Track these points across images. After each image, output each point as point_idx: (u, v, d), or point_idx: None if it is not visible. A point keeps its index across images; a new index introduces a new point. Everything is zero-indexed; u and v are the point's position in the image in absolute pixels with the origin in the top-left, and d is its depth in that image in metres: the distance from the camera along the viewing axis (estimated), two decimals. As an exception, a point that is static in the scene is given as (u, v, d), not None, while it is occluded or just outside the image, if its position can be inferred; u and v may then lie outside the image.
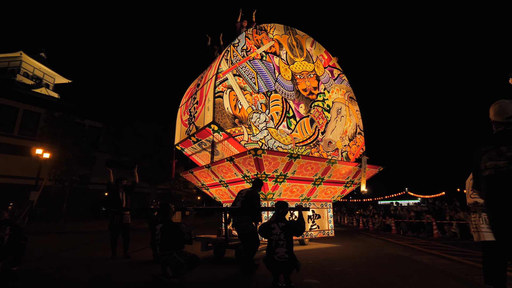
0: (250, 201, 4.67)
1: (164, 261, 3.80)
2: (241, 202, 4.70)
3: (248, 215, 4.58)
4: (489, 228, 3.16)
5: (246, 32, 8.12)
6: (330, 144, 8.73)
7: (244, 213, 4.60)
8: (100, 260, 5.63)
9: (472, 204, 3.50)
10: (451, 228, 9.75)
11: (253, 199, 4.71)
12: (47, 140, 17.45)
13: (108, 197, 5.73)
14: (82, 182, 19.35)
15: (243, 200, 4.69)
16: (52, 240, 9.29)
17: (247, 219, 4.55)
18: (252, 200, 4.70)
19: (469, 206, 3.63)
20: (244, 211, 4.61)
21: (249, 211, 4.61)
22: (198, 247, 6.23)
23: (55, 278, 4.24)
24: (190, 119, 8.09)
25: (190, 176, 9.13)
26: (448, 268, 4.67)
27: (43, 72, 34.55)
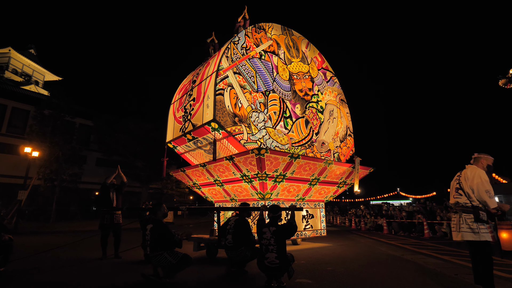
0: (241, 231, 4.38)
1: (155, 261, 3.74)
2: (232, 234, 4.37)
3: (243, 246, 4.27)
4: (469, 228, 3.26)
5: (246, 30, 8.11)
6: (323, 145, 8.80)
7: (238, 246, 4.27)
8: (90, 260, 5.53)
9: (454, 204, 3.53)
10: (442, 228, 9.92)
11: (243, 228, 4.43)
12: (36, 138, 17.06)
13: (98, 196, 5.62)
14: (72, 181, 18.98)
15: (234, 232, 4.37)
16: (40, 240, 9.09)
17: (242, 250, 4.24)
18: (243, 230, 4.41)
19: (451, 206, 3.68)
20: (238, 245, 4.28)
21: (243, 243, 4.30)
22: (190, 247, 6.20)
23: (42, 278, 4.16)
24: (185, 116, 8.01)
25: (181, 175, 9.03)
26: (438, 268, 4.73)
27: (33, 69, 33.85)
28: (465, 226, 3.31)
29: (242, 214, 4.63)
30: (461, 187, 3.46)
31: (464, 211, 3.35)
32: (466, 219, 3.31)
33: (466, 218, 3.32)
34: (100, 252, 5.76)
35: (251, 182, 7.02)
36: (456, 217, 3.44)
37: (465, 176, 3.45)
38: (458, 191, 3.48)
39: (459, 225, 3.37)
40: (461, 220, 3.36)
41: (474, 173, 3.39)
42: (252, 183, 7.01)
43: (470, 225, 3.28)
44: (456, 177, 3.61)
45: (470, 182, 3.36)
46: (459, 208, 3.41)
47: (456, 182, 3.56)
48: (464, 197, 3.40)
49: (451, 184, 3.65)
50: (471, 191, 3.33)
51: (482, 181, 3.31)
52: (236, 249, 4.22)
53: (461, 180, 3.49)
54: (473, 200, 3.32)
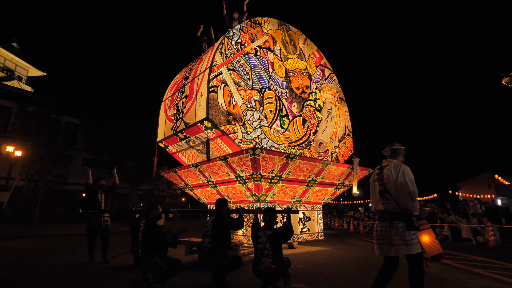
0: (220, 233, 3.87)
1: (146, 265, 3.63)
2: (210, 238, 3.84)
3: (221, 252, 3.80)
4: (402, 239, 2.71)
5: (241, 25, 7.85)
6: (321, 145, 8.59)
7: (216, 252, 3.78)
8: (76, 265, 5.31)
9: (382, 212, 2.90)
10: (443, 231, 9.85)
11: (223, 228, 3.92)
12: (19, 136, 16.45)
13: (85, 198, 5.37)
14: (58, 182, 18.37)
15: (212, 235, 3.85)
16: (23, 244, 8.70)
17: (219, 257, 3.77)
18: (223, 230, 3.90)
19: (374, 213, 3.07)
20: (215, 250, 3.78)
21: (222, 247, 3.82)
22: (182, 251, 6.03)
23: (25, 286, 3.97)
24: (177, 114, 7.68)
25: (173, 175, 8.72)
26: (439, 272, 4.64)
27: (15, 63, 32.65)
28: (397, 238, 2.73)
29: (220, 212, 4.08)
30: (387, 189, 2.86)
31: (396, 218, 2.78)
32: (398, 229, 2.75)
33: (398, 227, 2.75)
34: (87, 257, 5.56)
35: (245, 183, 6.78)
36: (384, 227, 2.82)
37: (389, 175, 2.87)
38: (384, 195, 2.87)
39: (389, 237, 2.77)
40: (392, 230, 2.77)
41: (398, 170, 2.86)
42: (247, 184, 6.77)
43: (403, 235, 2.72)
44: (377, 177, 3.00)
45: (395, 181, 2.82)
46: (388, 216, 2.82)
47: (379, 183, 2.94)
48: (392, 202, 2.82)
49: (372, 186, 3.07)
50: (396, 193, 2.81)
51: (406, 180, 2.80)
52: (213, 254, 3.74)
53: (385, 180, 2.89)
54: (401, 204, 2.79)
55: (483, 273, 4.70)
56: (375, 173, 3.05)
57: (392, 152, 3.10)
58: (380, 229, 2.88)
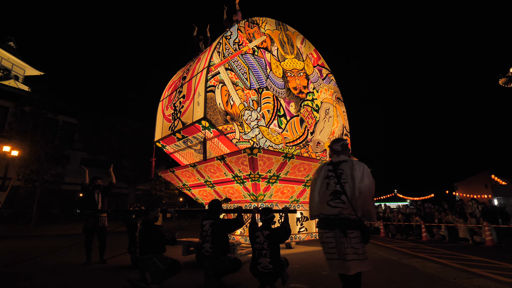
0: (220, 236, 3.80)
1: (143, 266, 3.61)
2: (211, 242, 3.75)
3: (224, 255, 3.73)
4: (355, 253, 2.21)
5: (239, 25, 7.83)
6: (318, 145, 8.59)
7: (218, 255, 3.70)
8: (73, 266, 5.27)
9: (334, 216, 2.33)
10: (440, 231, 9.87)
11: (222, 231, 3.83)
12: (15, 136, 16.33)
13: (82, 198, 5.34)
14: (55, 182, 18.24)
15: (212, 239, 3.76)
16: (20, 245, 8.64)
17: (223, 260, 3.70)
18: (222, 234, 3.83)
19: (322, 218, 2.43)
20: (218, 254, 3.70)
21: (224, 249, 3.77)
22: (179, 251, 6.01)
23: (22, 286, 3.94)
24: (174, 114, 7.66)
25: (170, 175, 8.69)
26: (436, 272, 4.64)
27: (12, 62, 32.42)
28: (350, 251, 2.20)
29: (215, 215, 3.96)
30: (345, 190, 2.32)
31: (350, 227, 2.26)
32: (351, 240, 2.23)
33: (351, 237, 2.24)
34: (84, 257, 5.53)
35: (243, 183, 6.76)
36: (335, 237, 2.28)
37: (351, 174, 2.36)
38: (340, 197, 2.32)
39: (341, 250, 2.23)
40: (345, 242, 2.23)
41: (363, 170, 2.37)
42: (244, 184, 6.75)
43: (357, 248, 2.22)
44: (330, 174, 2.45)
45: (359, 183, 2.32)
46: (340, 223, 2.27)
47: (335, 182, 2.38)
48: (348, 206, 2.28)
49: (320, 185, 2.48)
50: (358, 196, 2.31)
51: (371, 183, 2.35)
52: (215, 258, 3.68)
53: (345, 179, 2.37)
54: (358, 210, 2.30)
55: (480, 272, 4.72)
56: (324, 170, 2.51)
57: (343, 148, 2.62)
58: (329, 240, 2.31)
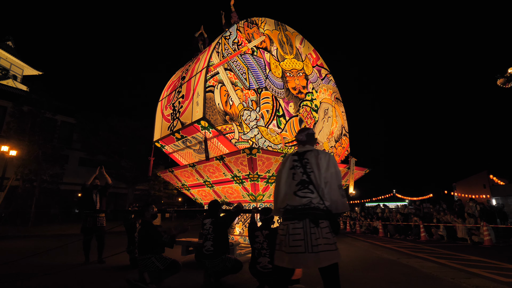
0: (220, 235, 3.80)
1: (142, 266, 3.60)
2: (212, 241, 3.75)
3: (224, 254, 3.73)
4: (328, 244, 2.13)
5: (238, 25, 7.83)
6: (317, 145, 8.60)
7: (219, 254, 3.68)
8: (72, 266, 5.26)
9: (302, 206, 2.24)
10: (438, 231, 9.89)
11: (223, 231, 3.84)
12: (14, 136, 16.28)
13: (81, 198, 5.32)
14: (53, 182, 18.18)
15: (214, 237, 3.76)
16: (18, 245, 8.60)
17: (223, 258, 3.70)
18: (223, 233, 3.84)
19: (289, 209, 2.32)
20: (219, 252, 3.69)
21: (224, 249, 3.76)
22: (178, 251, 5.98)
23: (20, 286, 3.93)
24: (173, 114, 7.65)
25: (169, 175, 8.68)
26: (435, 272, 4.66)
27: (10, 62, 32.28)
28: (323, 242, 2.12)
29: (215, 214, 4.02)
30: (311, 180, 2.26)
31: (320, 216, 2.20)
32: (322, 230, 2.16)
33: (322, 228, 2.17)
34: (82, 257, 5.51)
35: (242, 183, 6.75)
36: (304, 228, 2.16)
37: (316, 163, 2.31)
38: (307, 186, 2.25)
39: (310, 242, 2.11)
40: (317, 233, 2.14)
41: (328, 159, 2.34)
42: (244, 184, 6.75)
43: (328, 238, 2.15)
44: (295, 163, 2.37)
45: (325, 171, 2.28)
46: (310, 213, 2.19)
47: (301, 172, 2.32)
48: (316, 195, 2.23)
49: (285, 176, 2.38)
50: (324, 186, 2.26)
51: (337, 172, 2.32)
52: (216, 257, 3.69)
53: (312, 168, 2.31)
54: (326, 200, 2.25)
55: (478, 272, 4.72)
56: (290, 160, 2.43)
57: (308, 138, 2.54)
58: (296, 232, 2.18)
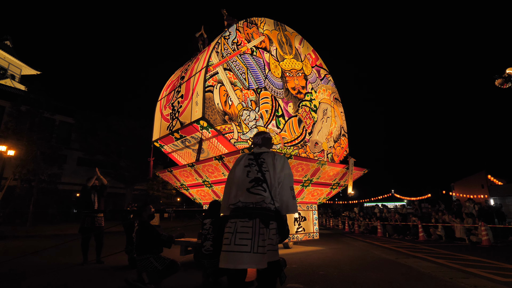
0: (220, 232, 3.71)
1: (141, 266, 3.60)
2: (212, 240, 3.73)
3: None
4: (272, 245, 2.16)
5: (237, 25, 7.83)
6: (316, 145, 8.61)
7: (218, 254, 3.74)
8: (70, 265, 5.24)
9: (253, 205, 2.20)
10: (437, 231, 9.91)
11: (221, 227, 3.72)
12: (12, 136, 16.21)
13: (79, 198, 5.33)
14: (51, 182, 18.14)
15: (214, 237, 3.74)
16: (16, 245, 8.56)
17: None
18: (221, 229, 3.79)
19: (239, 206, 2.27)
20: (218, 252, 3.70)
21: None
22: (177, 251, 5.96)
23: (18, 286, 3.91)
24: (172, 114, 7.65)
25: (168, 175, 8.67)
26: (433, 271, 4.66)
27: (8, 62, 32.18)
28: (267, 243, 2.12)
29: (215, 214, 4.01)
30: (265, 178, 2.24)
31: (271, 217, 2.18)
32: (270, 231, 2.16)
33: (271, 229, 2.17)
34: (80, 257, 5.49)
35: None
36: (254, 227, 2.11)
37: (272, 163, 2.30)
38: (261, 184, 2.21)
39: (257, 242, 2.08)
40: (265, 234, 2.12)
41: (284, 161, 2.34)
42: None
43: (272, 239, 2.16)
44: (250, 162, 2.36)
45: (279, 173, 2.27)
46: (260, 212, 2.15)
47: (256, 169, 2.29)
48: (268, 195, 2.20)
49: (239, 173, 2.34)
50: (277, 185, 2.25)
51: (291, 174, 2.34)
52: (215, 257, 3.64)
53: (266, 167, 2.29)
54: (276, 200, 2.24)
55: (476, 272, 4.73)
56: (245, 159, 2.41)
57: (264, 141, 2.52)
58: (244, 230, 2.11)
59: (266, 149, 2.48)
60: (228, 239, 2.15)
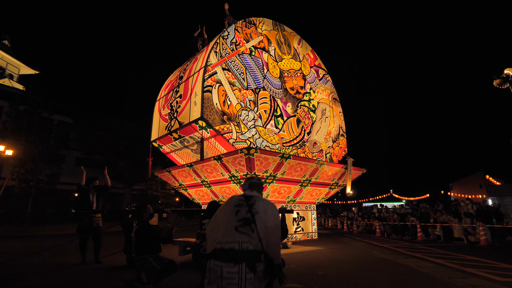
0: None
1: (139, 266, 3.59)
2: None
3: None
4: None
5: (236, 25, 7.83)
6: (315, 145, 8.61)
7: None
8: (68, 266, 5.25)
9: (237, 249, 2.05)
10: (435, 230, 9.93)
11: None
12: (10, 135, 16.16)
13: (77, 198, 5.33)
14: (50, 182, 18.06)
15: None
16: (14, 245, 8.55)
17: None
18: None
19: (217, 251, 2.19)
20: None
21: None
22: (176, 251, 5.99)
23: (16, 286, 3.92)
24: (171, 114, 7.64)
25: (167, 175, 8.66)
26: (431, 271, 4.68)
27: (6, 61, 32.01)
28: (257, 285, 2.06)
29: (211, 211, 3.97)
30: (254, 219, 2.11)
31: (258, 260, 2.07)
32: (258, 274, 2.05)
33: (258, 272, 2.06)
34: (79, 257, 5.50)
35: (240, 183, 6.76)
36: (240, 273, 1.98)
37: (263, 207, 2.18)
38: (249, 224, 2.09)
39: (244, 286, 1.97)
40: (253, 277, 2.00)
41: (273, 209, 2.22)
42: (241, 184, 6.73)
43: (262, 282, 2.11)
44: (240, 202, 2.22)
45: (267, 221, 2.13)
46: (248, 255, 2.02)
47: (245, 210, 2.16)
48: (256, 237, 2.07)
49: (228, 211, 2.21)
50: (263, 234, 2.10)
51: (278, 223, 2.22)
52: None
53: (256, 209, 2.15)
54: (263, 243, 2.12)
55: (474, 272, 4.74)
56: (235, 199, 2.28)
57: (252, 187, 2.40)
58: (230, 276, 1.99)
59: (257, 194, 2.38)
60: (218, 284, 2.03)
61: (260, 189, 2.47)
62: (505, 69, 5.73)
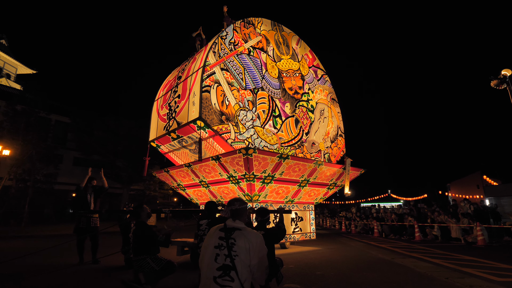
0: None
1: (137, 266, 3.56)
2: None
3: None
4: None
5: (234, 25, 7.83)
6: (313, 146, 8.62)
7: None
8: (66, 266, 5.23)
9: None
10: (433, 231, 9.97)
11: None
12: (7, 135, 16.07)
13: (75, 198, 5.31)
14: (47, 182, 18.00)
15: None
16: (11, 245, 8.51)
17: None
18: None
19: None
20: None
21: None
22: (174, 251, 5.99)
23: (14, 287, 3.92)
24: (169, 114, 7.62)
25: (165, 175, 8.65)
26: (429, 271, 4.70)
27: (4, 61, 31.86)
28: None
29: (211, 215, 3.96)
30: (234, 265, 1.93)
31: None
32: None
33: None
34: (77, 258, 5.49)
35: (238, 183, 6.75)
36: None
37: (244, 247, 1.98)
38: (229, 273, 1.92)
39: None
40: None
41: (256, 243, 2.03)
42: (239, 184, 6.75)
43: None
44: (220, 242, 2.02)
45: (250, 260, 1.97)
46: None
47: (225, 254, 1.97)
48: (237, 284, 1.90)
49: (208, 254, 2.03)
50: (246, 275, 1.94)
51: (264, 255, 2.09)
52: None
53: (236, 252, 1.97)
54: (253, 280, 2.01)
55: (471, 272, 4.75)
56: (215, 235, 2.08)
57: (233, 214, 2.21)
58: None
59: (239, 224, 2.14)
60: None
61: (244, 216, 2.25)
62: (502, 70, 5.76)
